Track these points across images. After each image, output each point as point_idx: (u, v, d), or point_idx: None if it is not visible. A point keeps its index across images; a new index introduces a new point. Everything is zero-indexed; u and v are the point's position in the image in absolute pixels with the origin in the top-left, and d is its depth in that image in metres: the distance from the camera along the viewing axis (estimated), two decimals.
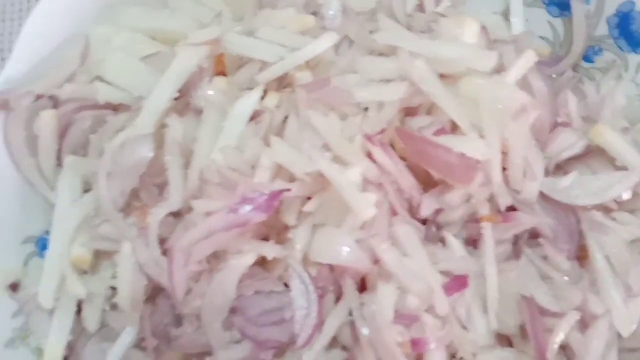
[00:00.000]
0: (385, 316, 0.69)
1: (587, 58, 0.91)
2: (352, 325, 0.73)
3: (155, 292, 0.79)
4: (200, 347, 0.76)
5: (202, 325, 0.74)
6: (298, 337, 0.71)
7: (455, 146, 0.70)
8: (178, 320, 0.78)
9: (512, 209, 0.77)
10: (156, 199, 0.77)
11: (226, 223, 0.69)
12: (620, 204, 0.78)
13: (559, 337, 0.73)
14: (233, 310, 0.73)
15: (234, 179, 0.71)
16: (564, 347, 0.77)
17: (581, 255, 0.78)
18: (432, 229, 0.78)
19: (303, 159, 0.71)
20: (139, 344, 0.79)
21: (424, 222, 0.77)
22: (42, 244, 0.83)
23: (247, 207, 0.69)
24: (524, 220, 0.73)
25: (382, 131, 0.73)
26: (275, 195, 0.69)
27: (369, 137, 0.72)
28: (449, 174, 0.71)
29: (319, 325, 0.72)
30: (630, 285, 0.74)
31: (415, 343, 0.69)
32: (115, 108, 0.82)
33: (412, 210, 0.76)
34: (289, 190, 0.70)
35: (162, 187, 0.78)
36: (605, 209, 0.78)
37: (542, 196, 0.77)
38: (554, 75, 0.89)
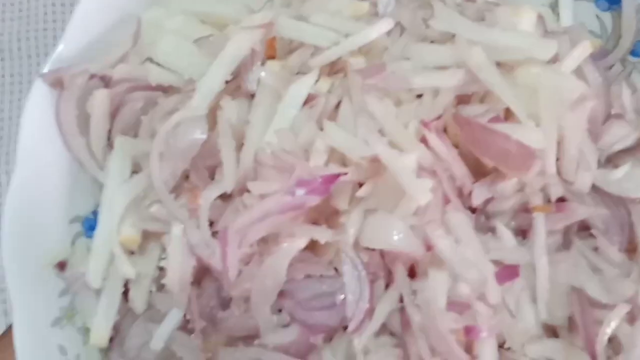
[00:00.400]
0: (439, 303, 0.69)
1: (635, 53, 0.91)
2: (401, 312, 0.73)
3: (200, 276, 0.79)
4: (247, 330, 0.76)
5: (251, 308, 0.74)
6: (350, 321, 0.71)
7: (512, 134, 0.70)
8: (224, 304, 0.78)
9: (560, 200, 0.77)
10: (206, 182, 0.77)
11: (282, 205, 0.69)
12: None
13: (609, 328, 0.72)
14: (282, 294, 0.73)
15: (290, 162, 0.71)
16: (610, 340, 0.77)
17: (630, 249, 0.78)
18: (481, 218, 0.77)
19: (359, 144, 0.71)
20: (184, 327, 0.80)
21: (473, 211, 0.77)
22: (88, 225, 0.83)
23: (303, 190, 0.69)
24: (578, 211, 0.73)
25: (438, 117, 0.73)
26: (332, 178, 0.69)
27: (425, 124, 0.72)
28: (506, 162, 0.71)
29: (370, 311, 0.72)
30: None
31: (468, 331, 0.69)
32: (166, 90, 0.82)
33: (463, 199, 0.76)
34: (345, 174, 0.70)
35: (212, 169, 0.78)
36: None
37: (593, 188, 0.76)
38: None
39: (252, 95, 0.79)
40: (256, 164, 0.73)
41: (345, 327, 0.72)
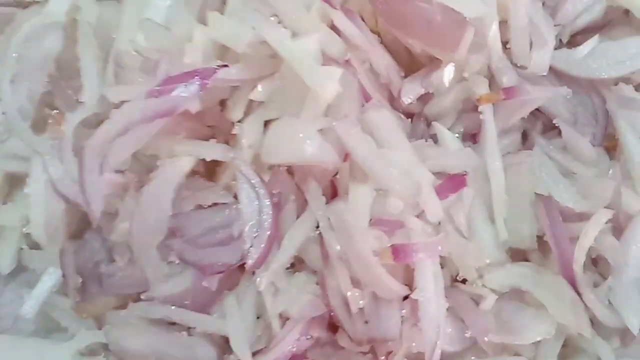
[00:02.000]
0: (359, 221, 0.54)
1: None
2: (321, 243, 0.57)
3: (83, 227, 0.64)
4: (137, 285, 0.61)
5: (135, 254, 0.59)
6: (248, 254, 0.55)
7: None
8: (112, 259, 0.63)
9: None
10: (74, 106, 0.62)
11: (147, 111, 0.54)
12: None
13: (587, 241, 0.57)
14: (170, 233, 0.58)
15: (156, 58, 0.56)
16: (595, 261, 0.61)
17: (609, 146, 0.62)
18: (420, 125, 0.62)
19: (245, 30, 0.56)
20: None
21: (410, 117, 0.62)
22: None
23: (175, 91, 0.54)
24: (533, 94, 0.57)
25: None
26: (209, 73, 0.54)
27: (327, 0, 0.57)
28: (432, 38, 0.56)
29: (276, 240, 0.56)
30: None
31: (398, 251, 0.53)
32: (27, 6, 0.67)
33: (394, 103, 0.61)
34: (226, 66, 0.55)
35: (79, 90, 0.63)
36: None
37: (556, 74, 0.61)
38: None
39: None
40: (119, 68, 0.58)
41: None
